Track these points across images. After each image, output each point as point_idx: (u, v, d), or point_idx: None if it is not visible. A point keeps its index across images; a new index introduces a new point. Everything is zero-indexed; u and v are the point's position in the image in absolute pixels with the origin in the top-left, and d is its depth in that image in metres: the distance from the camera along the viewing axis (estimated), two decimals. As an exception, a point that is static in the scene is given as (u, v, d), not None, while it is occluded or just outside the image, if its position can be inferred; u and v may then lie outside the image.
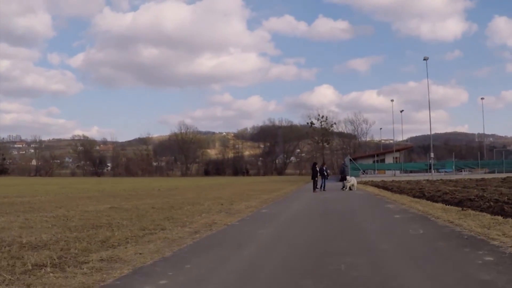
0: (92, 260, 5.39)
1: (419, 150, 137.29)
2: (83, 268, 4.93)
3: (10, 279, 4.52)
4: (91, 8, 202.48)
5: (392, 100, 76.79)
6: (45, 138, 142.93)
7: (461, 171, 56.35)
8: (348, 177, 26.37)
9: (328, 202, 16.40)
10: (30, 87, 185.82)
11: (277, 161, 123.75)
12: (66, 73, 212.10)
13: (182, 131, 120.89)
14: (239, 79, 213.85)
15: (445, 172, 55.28)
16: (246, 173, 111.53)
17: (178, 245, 6.51)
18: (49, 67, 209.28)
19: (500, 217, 8.99)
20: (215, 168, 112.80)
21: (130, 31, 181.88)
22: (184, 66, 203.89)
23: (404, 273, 4.62)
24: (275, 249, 6.40)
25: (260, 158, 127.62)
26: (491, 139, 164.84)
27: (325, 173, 26.42)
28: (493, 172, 51.27)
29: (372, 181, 39.13)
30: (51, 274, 4.66)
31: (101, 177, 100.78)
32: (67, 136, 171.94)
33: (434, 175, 47.23)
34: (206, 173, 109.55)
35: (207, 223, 9.27)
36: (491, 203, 11.66)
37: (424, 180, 37.40)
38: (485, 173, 53.82)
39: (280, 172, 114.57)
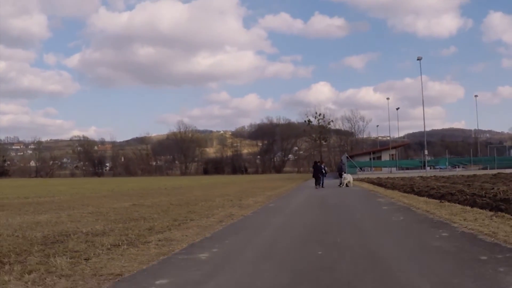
0: (152, 240, 7.32)
1: (416, 147, 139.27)
2: (151, 245, 6.87)
3: (100, 253, 6.42)
4: (87, 8, 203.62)
5: (388, 98, 78.48)
6: (43, 139, 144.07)
7: (456, 167, 58.42)
8: (344, 175, 28.28)
9: (326, 197, 18.38)
10: (26, 88, 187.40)
11: (275, 159, 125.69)
12: (62, 74, 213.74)
13: (181, 130, 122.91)
14: (236, 78, 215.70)
15: (440, 168, 57.41)
16: (244, 171, 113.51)
17: (211, 230, 8.48)
18: (46, 67, 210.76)
19: (469, 207, 10.99)
20: (214, 167, 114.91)
21: (126, 31, 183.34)
22: (180, 65, 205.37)
23: (381, 241, 6.65)
24: (287, 230, 8.44)
25: (258, 156, 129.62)
26: (487, 135, 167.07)
27: (323, 171, 28.29)
28: (486, 168, 53.38)
29: (368, 178, 41.13)
30: (130, 249, 6.57)
31: (101, 177, 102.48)
32: (65, 136, 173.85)
33: (428, 172, 49.29)
34: (205, 172, 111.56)
35: (226, 214, 11.23)
36: (467, 197, 13.63)
37: (418, 176, 39.34)
38: (478, 169, 55.85)
39: (279, 170, 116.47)
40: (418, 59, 49.85)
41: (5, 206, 16.19)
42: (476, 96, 75.24)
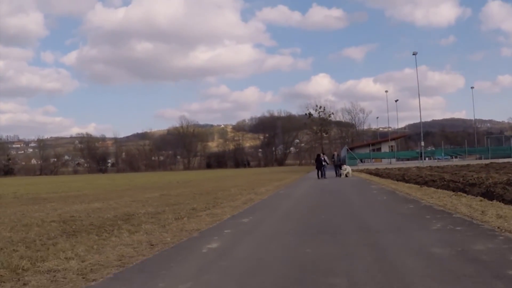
0: (202, 215, 10.33)
1: (417, 137, 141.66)
2: (203, 217, 9.88)
3: (171, 222, 9.39)
4: (83, 5, 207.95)
5: (386, 91, 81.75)
6: (43, 137, 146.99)
7: (453, 158, 61.42)
8: (344, 166, 31.32)
9: (327, 186, 21.44)
10: (25, 87, 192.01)
11: (277, 152, 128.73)
12: (60, 71, 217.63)
13: (183, 125, 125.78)
14: (235, 71, 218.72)
15: (438, 159, 60.46)
16: (247, 164, 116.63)
17: (240, 208, 11.52)
18: (44, 66, 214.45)
19: (440, 190, 14.03)
20: (216, 161, 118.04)
21: (123, 27, 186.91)
22: (178, 60, 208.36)
23: (364, 210, 9.78)
24: (298, 206, 11.56)
25: (260, 150, 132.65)
26: (488, 124, 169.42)
27: (325, 163, 31.27)
28: (481, 158, 56.42)
29: (367, 169, 44.21)
30: (191, 219, 9.58)
31: (105, 173, 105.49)
32: (65, 134, 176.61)
33: (425, 162, 52.43)
34: (208, 166, 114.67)
35: (247, 199, 14.28)
36: (445, 182, 16.65)
37: (414, 167, 42.37)
38: (475, 159, 58.80)
39: (281, 163, 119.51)
40: (413, 54, 52.70)
41: (50, 199, 19.12)
42: (472, 87, 77.19)
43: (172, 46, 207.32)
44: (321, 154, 32.45)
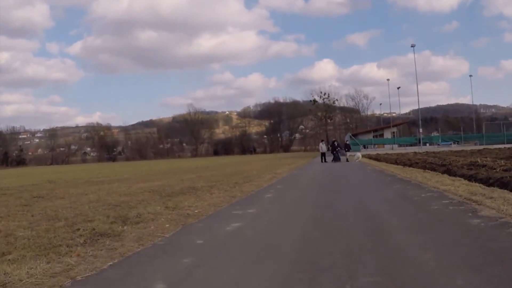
0: (246, 185, 15.31)
1: (421, 123, 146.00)
2: (247, 187, 14.84)
3: (228, 189, 14.34)
4: None
5: (388, 79, 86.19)
6: (48, 127, 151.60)
7: (451, 144, 65.86)
8: (352, 153, 36.70)
9: (331, 168, 26.40)
10: (30, 78, 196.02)
11: (282, 138, 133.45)
12: (66, 62, 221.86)
13: (191, 112, 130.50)
14: (239, 58, 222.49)
15: (438, 145, 64.98)
16: (253, 151, 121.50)
17: (270, 182, 16.49)
18: (49, 56, 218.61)
19: (416, 169, 18.96)
20: (223, 148, 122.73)
21: (127, 16, 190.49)
22: (182, 48, 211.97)
23: (356, 182, 14.80)
24: (312, 181, 16.54)
25: (265, 136, 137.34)
26: (493, 110, 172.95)
27: (338, 148, 37.28)
28: (477, 144, 61.06)
29: (368, 154, 48.88)
30: (241, 187, 14.54)
31: (115, 161, 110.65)
32: (70, 123, 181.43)
33: (424, 148, 57.15)
34: (215, 153, 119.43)
35: (271, 177, 19.23)
36: (426, 164, 21.53)
37: (412, 152, 47.01)
38: (475, 144, 63.22)
39: (286, 149, 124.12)
40: (412, 46, 57.24)
41: (107, 182, 24.10)
42: (471, 76, 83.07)
43: (177, 34, 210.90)
44: (335, 141, 38.31)
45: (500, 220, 6.12)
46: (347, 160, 34.65)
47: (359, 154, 36.14)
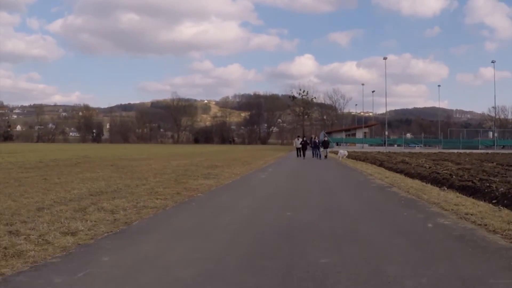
0: (253, 164, 24.44)
1: (396, 124, 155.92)
2: (256, 165, 23.96)
3: (241, 166, 23.47)
4: None
5: (363, 84, 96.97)
6: (26, 103, 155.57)
7: (416, 147, 75.04)
8: (340, 150, 45.47)
9: (307, 159, 35.71)
10: (10, 52, 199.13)
11: (260, 130, 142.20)
12: (46, 38, 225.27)
13: (174, 99, 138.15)
14: (220, 48, 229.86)
15: (404, 146, 74.24)
16: (232, 141, 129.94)
17: (263, 166, 25.61)
18: (30, 32, 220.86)
19: (368, 164, 28.43)
20: (204, 137, 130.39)
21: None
22: (164, 33, 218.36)
23: (321, 170, 24.20)
24: (294, 165, 25.93)
25: (242, 127, 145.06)
26: (468, 115, 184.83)
27: (318, 144, 39.03)
28: (439, 148, 70.73)
29: (338, 151, 58.30)
30: (242, 167, 23.65)
31: (99, 143, 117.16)
32: (47, 101, 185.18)
33: (391, 149, 66.50)
34: (196, 141, 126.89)
35: (263, 163, 28.33)
36: (376, 160, 31.04)
37: (376, 151, 56.21)
38: (438, 149, 72.65)
39: (264, 141, 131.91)
40: (384, 59, 66.73)
41: (139, 160, 32.84)
42: (439, 86, 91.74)
43: (159, 19, 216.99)
44: (313, 137, 45.06)
45: (382, 185, 15.34)
46: (325, 157, 37.58)
47: (343, 152, 36.94)
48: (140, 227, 7.11)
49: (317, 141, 40.12)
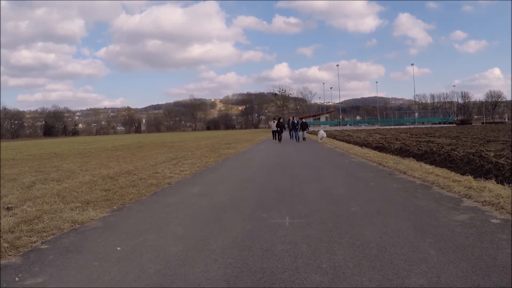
0: (252, 142, 28.30)
1: (349, 110, 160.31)
2: (256, 140, 27.83)
3: (246, 142, 27.34)
4: (112, 13, 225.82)
5: (323, 83, 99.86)
6: (84, 108, 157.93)
7: (362, 126, 79.41)
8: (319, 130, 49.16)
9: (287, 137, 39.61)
10: (70, 72, 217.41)
11: (253, 119, 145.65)
12: (96, 61, 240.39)
13: (192, 100, 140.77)
14: (220, 61, 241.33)
15: (354, 126, 78.58)
16: (233, 127, 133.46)
17: (261, 140, 29.50)
18: (84, 57, 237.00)
19: (330, 138, 32.44)
20: (213, 125, 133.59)
21: (139, 29, 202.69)
22: (179, 53, 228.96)
23: (299, 145, 28.23)
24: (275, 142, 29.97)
25: (240, 117, 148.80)
26: (400, 102, 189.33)
27: (297, 126, 30.09)
28: (375, 126, 75.17)
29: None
30: (251, 142, 27.53)
31: (140, 133, 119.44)
32: (99, 106, 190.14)
33: (344, 127, 70.67)
34: (208, 128, 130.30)
35: (261, 139, 32.17)
36: (331, 135, 35.04)
37: (334, 130, 60.26)
38: (377, 127, 77.02)
39: (256, 126, 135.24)
40: (336, 66, 69.93)
41: (181, 142, 36.51)
42: (376, 82, 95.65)
43: (175, 43, 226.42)
44: (280, 119, 29.50)
45: (331, 148, 19.40)
46: (304, 139, 28.77)
47: (322, 132, 27.18)
48: (213, 167, 11.11)
49: (295, 121, 30.58)
